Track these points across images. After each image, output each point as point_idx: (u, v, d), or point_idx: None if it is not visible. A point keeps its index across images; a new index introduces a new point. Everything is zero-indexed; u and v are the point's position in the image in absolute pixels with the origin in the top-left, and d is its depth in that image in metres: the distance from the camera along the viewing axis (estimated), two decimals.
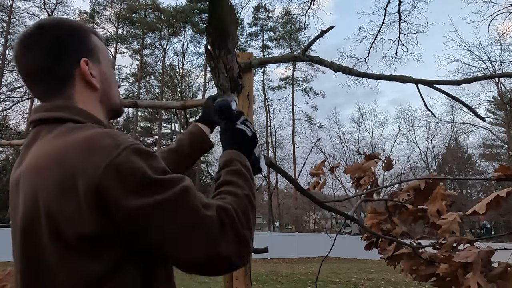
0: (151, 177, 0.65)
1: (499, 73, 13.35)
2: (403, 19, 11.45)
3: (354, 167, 1.99)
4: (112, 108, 0.88)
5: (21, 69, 0.80)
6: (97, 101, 0.83)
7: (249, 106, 1.68)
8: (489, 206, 1.27)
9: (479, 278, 1.22)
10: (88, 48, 0.83)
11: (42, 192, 0.65)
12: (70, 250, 0.63)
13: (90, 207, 0.62)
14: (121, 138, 0.67)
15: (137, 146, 0.68)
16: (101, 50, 0.87)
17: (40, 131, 0.76)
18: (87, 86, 0.81)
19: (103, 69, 0.85)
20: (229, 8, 1.44)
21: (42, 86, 0.79)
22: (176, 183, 0.68)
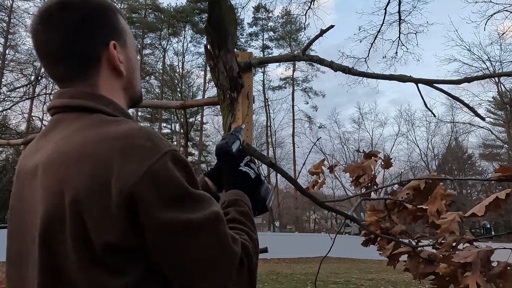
0: (187, 191, 0.61)
1: (499, 73, 13.35)
2: (403, 19, 11.45)
3: (353, 166, 1.99)
4: (134, 97, 0.82)
5: (41, 48, 0.71)
6: (121, 89, 0.77)
7: (248, 105, 1.68)
8: (488, 208, 1.27)
9: (478, 277, 1.22)
10: (116, 29, 0.75)
11: (69, 189, 0.58)
12: (94, 259, 0.57)
13: (120, 212, 0.57)
14: (160, 141, 0.62)
15: (176, 153, 0.63)
16: (128, 33, 0.79)
17: (62, 119, 0.69)
18: (113, 72, 0.74)
19: (130, 54, 0.79)
20: (228, 8, 1.44)
21: (64, 69, 0.71)
22: (209, 205, 0.64)
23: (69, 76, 0.72)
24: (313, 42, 1.98)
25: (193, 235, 0.60)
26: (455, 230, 1.44)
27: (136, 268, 0.60)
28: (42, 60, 0.73)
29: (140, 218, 0.58)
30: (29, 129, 19.22)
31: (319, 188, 2.05)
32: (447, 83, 2.06)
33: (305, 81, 32.91)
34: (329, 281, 9.77)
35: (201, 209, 0.62)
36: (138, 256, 0.60)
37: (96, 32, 0.72)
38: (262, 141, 31.21)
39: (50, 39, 0.70)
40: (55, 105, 0.70)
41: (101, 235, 0.57)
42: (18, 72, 18.93)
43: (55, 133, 0.67)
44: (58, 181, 0.59)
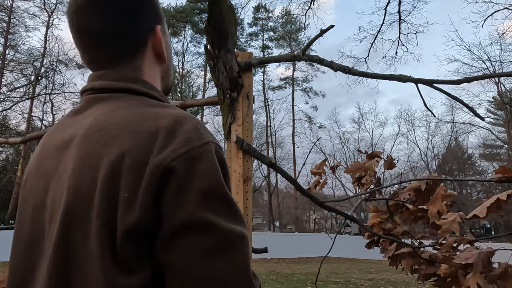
0: (226, 192, 0.55)
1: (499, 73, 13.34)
2: (403, 19, 11.45)
3: (355, 167, 1.99)
4: (168, 85, 0.79)
5: (84, 27, 0.66)
6: (159, 76, 0.74)
7: (248, 105, 1.68)
8: (489, 209, 1.26)
9: (479, 278, 1.21)
10: (159, 13, 0.72)
11: (106, 163, 0.53)
12: (115, 250, 0.51)
13: (149, 190, 0.51)
14: (207, 131, 0.58)
15: (220, 149, 0.58)
16: (164, 19, 0.76)
17: (101, 98, 0.64)
18: (156, 57, 0.71)
19: (168, 40, 0.76)
20: (228, 8, 1.44)
21: (108, 51, 0.66)
22: (241, 220, 0.56)
23: (112, 59, 0.67)
24: (313, 42, 1.98)
25: (217, 247, 0.51)
26: (456, 230, 1.43)
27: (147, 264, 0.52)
28: (82, 40, 0.67)
29: (164, 200, 0.51)
30: (29, 129, 19.21)
31: (320, 189, 2.04)
32: (447, 83, 2.05)
33: (305, 81, 32.94)
34: (329, 281, 9.77)
35: (235, 221, 0.54)
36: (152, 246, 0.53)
37: (144, 14, 0.69)
38: (262, 141, 31.22)
39: (97, 17, 0.65)
40: (94, 86, 0.65)
41: (126, 218, 0.51)
42: (18, 72, 18.95)
43: (94, 110, 0.62)
44: (95, 154, 0.55)
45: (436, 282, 1.46)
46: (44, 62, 20.60)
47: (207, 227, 0.51)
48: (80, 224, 0.53)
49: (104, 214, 0.51)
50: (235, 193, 1.58)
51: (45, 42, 21.75)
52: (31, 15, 21.36)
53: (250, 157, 1.66)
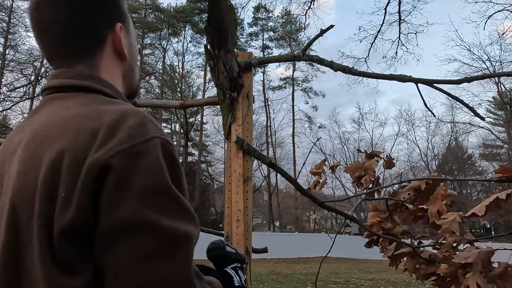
0: (170, 189, 0.52)
1: (499, 72, 13.35)
2: (403, 19, 11.46)
3: (354, 166, 1.99)
4: (132, 87, 0.77)
5: (42, 23, 0.66)
6: (120, 75, 0.72)
7: (248, 105, 1.68)
8: (488, 208, 1.26)
9: (478, 278, 1.21)
10: (121, 12, 0.72)
11: (46, 163, 0.52)
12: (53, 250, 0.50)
13: (85, 188, 0.49)
14: (153, 126, 0.56)
15: (168, 144, 0.56)
16: (130, 20, 0.76)
17: (55, 97, 0.64)
18: (116, 55, 0.70)
19: (131, 41, 0.75)
20: (228, 8, 1.44)
21: (65, 47, 0.66)
22: (189, 220, 0.53)
23: (70, 55, 0.66)
24: (313, 42, 1.98)
25: (158, 249, 0.48)
26: (456, 230, 1.43)
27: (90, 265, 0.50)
28: (41, 35, 0.67)
29: (101, 198, 0.49)
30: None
31: (320, 188, 2.05)
32: (447, 83, 2.05)
33: (305, 81, 32.94)
34: (329, 281, 9.77)
35: (180, 219, 0.51)
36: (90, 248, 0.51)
37: (104, 11, 0.68)
38: (262, 141, 31.22)
39: (56, 13, 0.64)
40: (50, 85, 0.65)
41: (62, 217, 0.50)
42: (18, 72, 18.95)
43: (47, 109, 0.62)
44: (38, 155, 0.54)
45: (436, 282, 1.47)
46: (44, 62, 20.59)
47: (147, 227, 0.49)
48: (25, 226, 0.52)
49: (44, 214, 0.50)
50: (235, 193, 1.59)
51: None
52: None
53: (250, 157, 1.66)
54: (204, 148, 31.95)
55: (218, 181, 31.55)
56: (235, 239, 1.53)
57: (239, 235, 1.53)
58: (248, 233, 1.57)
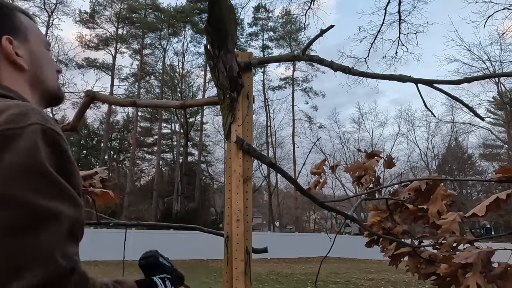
0: (40, 168, 0.52)
1: (499, 73, 13.35)
2: (403, 19, 11.46)
3: (354, 166, 1.99)
4: (47, 92, 0.80)
5: None
6: (27, 84, 0.75)
7: (248, 105, 1.68)
8: (488, 208, 1.26)
9: (478, 278, 1.21)
10: (13, 26, 0.76)
11: None
12: None
13: None
14: (39, 117, 0.57)
15: (54, 132, 0.57)
16: (30, 29, 0.80)
17: None
18: (13, 66, 0.73)
19: (33, 48, 0.78)
20: (228, 8, 1.44)
21: None
22: (63, 199, 0.54)
23: None
24: (313, 42, 1.98)
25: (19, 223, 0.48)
26: (456, 230, 1.43)
27: None
28: None
29: None
30: None
31: (320, 188, 2.04)
32: (447, 83, 2.05)
33: (305, 81, 32.94)
34: (329, 281, 9.77)
35: (52, 198, 0.52)
36: None
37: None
38: (262, 141, 31.22)
39: None
40: None
41: None
42: None
43: None
44: None
45: (436, 282, 1.47)
46: None
47: (11, 202, 0.49)
48: None
49: None
50: (235, 193, 1.59)
51: None
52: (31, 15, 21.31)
53: (250, 157, 1.66)
54: (204, 148, 31.96)
55: (218, 181, 31.58)
56: (235, 239, 1.53)
57: (239, 235, 1.53)
58: (248, 233, 1.57)
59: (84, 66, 27.69)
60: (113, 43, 29.02)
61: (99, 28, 28.40)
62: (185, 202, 26.62)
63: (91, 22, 27.97)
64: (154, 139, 33.29)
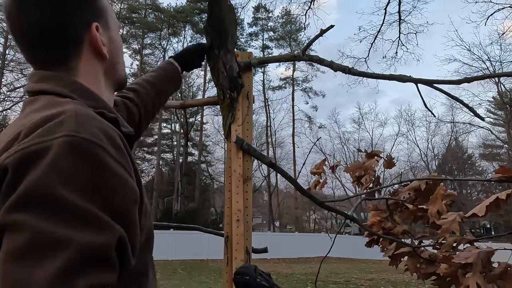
0: (54, 191, 0.46)
1: (498, 73, 13.35)
2: (403, 19, 11.46)
3: (354, 166, 1.99)
4: (117, 80, 0.78)
5: (16, 30, 0.65)
6: (102, 72, 0.72)
7: (248, 105, 1.68)
8: (488, 208, 1.26)
9: (478, 278, 1.21)
10: (97, 9, 0.71)
11: None
12: None
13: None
14: (71, 122, 0.52)
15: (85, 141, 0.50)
16: (109, 12, 0.74)
17: (26, 103, 0.64)
18: (96, 55, 0.70)
19: (112, 35, 0.74)
20: (228, 8, 1.44)
21: (43, 53, 0.66)
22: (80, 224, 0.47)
23: (44, 60, 0.66)
24: (312, 42, 1.98)
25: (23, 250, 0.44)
26: (456, 230, 1.43)
27: None
28: (17, 43, 0.66)
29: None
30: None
31: (320, 188, 2.04)
32: (447, 83, 2.05)
33: (305, 81, 32.93)
34: (329, 281, 9.77)
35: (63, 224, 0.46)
36: None
37: (76, 12, 0.66)
38: (262, 141, 31.22)
39: (28, 19, 0.64)
40: (25, 89, 0.67)
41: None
42: (18, 72, 18.93)
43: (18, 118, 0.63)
44: None
45: (436, 282, 1.47)
46: None
47: (17, 228, 0.45)
48: None
49: None
50: (235, 193, 1.59)
51: None
52: None
53: (250, 157, 1.66)
54: (204, 148, 31.95)
55: (218, 181, 31.57)
56: (235, 239, 1.53)
57: (239, 235, 1.53)
58: (248, 233, 1.57)
59: None
60: None
61: None
62: (185, 202, 26.62)
63: None
64: (154, 139, 33.27)
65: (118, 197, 0.52)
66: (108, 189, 0.51)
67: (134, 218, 0.55)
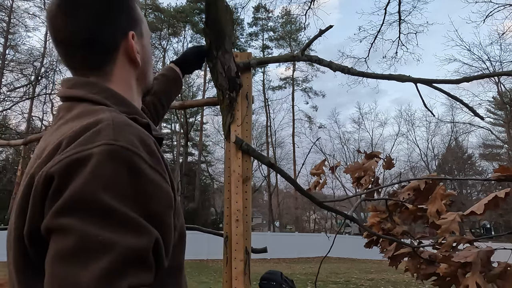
0: (98, 197, 0.49)
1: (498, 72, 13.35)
2: (403, 19, 11.46)
3: (354, 167, 1.98)
4: (146, 88, 0.80)
5: (59, 36, 0.67)
6: (134, 78, 0.75)
7: (248, 105, 1.68)
8: (487, 206, 1.26)
9: (478, 277, 1.21)
10: (133, 18, 0.73)
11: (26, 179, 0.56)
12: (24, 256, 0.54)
13: (35, 200, 0.52)
14: (108, 130, 0.54)
15: (125, 151, 0.53)
16: (143, 21, 0.77)
17: (59, 109, 0.67)
18: (130, 62, 0.72)
19: (145, 43, 0.77)
20: (225, 9, 1.44)
21: (81, 58, 0.68)
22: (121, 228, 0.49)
23: (85, 65, 0.69)
24: (312, 42, 1.98)
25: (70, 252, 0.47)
26: (455, 230, 1.43)
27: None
28: (58, 47, 0.69)
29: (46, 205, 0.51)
30: (29, 129, 19.20)
31: (320, 189, 2.04)
32: (446, 83, 2.05)
33: (305, 81, 32.93)
34: (329, 281, 9.77)
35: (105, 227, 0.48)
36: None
37: (116, 20, 0.70)
38: (262, 141, 31.22)
39: (69, 25, 0.66)
40: (58, 94, 0.69)
41: (25, 225, 0.53)
42: (18, 72, 18.94)
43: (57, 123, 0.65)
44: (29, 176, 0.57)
45: (436, 282, 1.46)
46: (44, 62, 20.61)
47: (64, 232, 0.48)
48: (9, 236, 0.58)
49: (18, 226, 0.54)
50: (234, 193, 1.59)
51: (45, 42, 21.75)
52: (31, 15, 21.33)
53: (250, 157, 1.66)
54: (204, 148, 31.95)
55: (218, 181, 31.55)
56: (234, 239, 1.53)
57: (239, 235, 1.53)
58: (248, 233, 1.57)
59: None
60: None
61: None
62: (185, 202, 26.62)
63: None
64: None
65: (154, 202, 0.54)
66: (145, 195, 0.53)
67: (169, 222, 0.57)
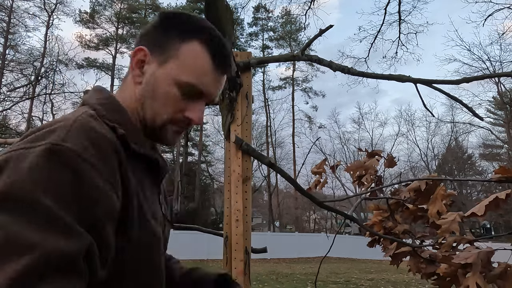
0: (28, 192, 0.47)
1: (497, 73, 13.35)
2: (403, 19, 11.46)
3: (355, 165, 1.98)
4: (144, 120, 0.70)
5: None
6: (133, 94, 0.70)
7: (247, 105, 1.67)
8: (488, 208, 1.26)
9: (478, 278, 1.21)
10: (159, 44, 0.69)
11: None
12: None
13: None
14: (64, 134, 0.53)
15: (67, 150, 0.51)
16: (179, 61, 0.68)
17: None
18: (135, 76, 0.72)
19: (159, 74, 0.68)
20: (225, 8, 1.44)
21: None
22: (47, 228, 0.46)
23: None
24: (312, 42, 1.98)
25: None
26: (456, 230, 1.43)
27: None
28: None
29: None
30: (29, 129, 19.17)
31: (320, 188, 2.04)
32: (446, 83, 2.05)
33: (305, 81, 32.93)
34: (329, 281, 9.76)
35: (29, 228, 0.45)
36: None
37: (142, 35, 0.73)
38: (262, 141, 31.21)
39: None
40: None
41: None
42: (18, 72, 18.92)
43: None
44: None
45: (436, 281, 1.46)
46: (44, 62, 20.60)
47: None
48: None
49: None
50: (234, 193, 1.58)
51: (45, 42, 21.76)
52: (31, 15, 21.36)
53: (249, 157, 1.65)
54: (204, 148, 31.94)
55: (218, 181, 31.56)
56: (234, 239, 1.53)
57: (238, 235, 1.53)
58: (248, 233, 1.57)
59: (84, 66, 27.67)
60: (113, 43, 29.00)
61: (99, 28, 28.40)
62: (185, 202, 26.61)
63: (91, 22, 27.95)
64: None
65: (92, 208, 0.51)
66: (82, 199, 0.50)
67: (107, 231, 0.54)
